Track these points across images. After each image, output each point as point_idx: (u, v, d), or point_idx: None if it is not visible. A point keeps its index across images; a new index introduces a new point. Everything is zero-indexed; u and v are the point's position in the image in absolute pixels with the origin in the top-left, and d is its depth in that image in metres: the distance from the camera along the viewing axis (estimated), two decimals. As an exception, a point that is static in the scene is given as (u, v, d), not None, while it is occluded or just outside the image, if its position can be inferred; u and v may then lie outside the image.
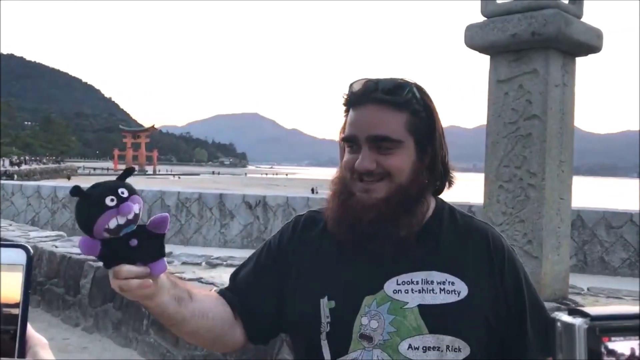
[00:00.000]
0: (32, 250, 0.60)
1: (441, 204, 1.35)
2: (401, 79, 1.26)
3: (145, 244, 1.02)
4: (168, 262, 1.09)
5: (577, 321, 0.53)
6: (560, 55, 4.34)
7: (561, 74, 4.35)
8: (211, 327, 1.27)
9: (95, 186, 1.00)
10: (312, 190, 33.77)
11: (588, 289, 5.20)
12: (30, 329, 0.59)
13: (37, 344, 0.59)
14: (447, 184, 1.33)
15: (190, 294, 1.22)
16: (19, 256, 0.59)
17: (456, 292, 1.21)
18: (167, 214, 1.07)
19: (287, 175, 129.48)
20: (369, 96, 1.23)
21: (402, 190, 1.22)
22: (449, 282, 1.22)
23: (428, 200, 1.29)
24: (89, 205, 0.97)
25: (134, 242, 1.00)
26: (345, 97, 1.28)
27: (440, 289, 1.21)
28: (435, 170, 1.27)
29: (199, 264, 6.20)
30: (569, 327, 0.53)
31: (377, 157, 1.22)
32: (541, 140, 4.21)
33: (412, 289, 1.21)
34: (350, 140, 1.25)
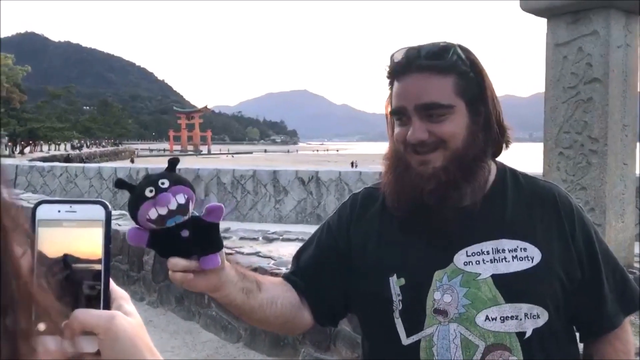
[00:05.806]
0: (110, 206, 0.60)
1: (502, 167, 1.30)
2: (443, 42, 1.19)
3: (198, 236, 0.98)
4: (226, 238, 1.09)
5: None
6: (623, 15, 4.14)
7: (623, 34, 4.16)
8: (280, 314, 1.25)
9: (143, 178, 0.98)
10: (352, 164, 33.71)
11: (654, 258, 5.01)
12: (112, 283, 0.60)
13: (121, 297, 0.61)
14: (504, 144, 1.26)
15: (258, 284, 1.21)
16: (98, 212, 0.59)
17: (529, 258, 1.17)
18: (222, 204, 1.03)
19: (337, 151, 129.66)
20: (412, 64, 1.17)
21: (459, 157, 1.16)
22: (520, 248, 1.18)
23: (488, 164, 1.24)
24: (132, 198, 0.96)
25: (185, 233, 0.96)
26: (388, 68, 1.22)
27: (512, 256, 1.17)
28: (491, 131, 1.21)
29: (256, 239, 6.28)
30: None
31: (429, 126, 1.16)
32: (603, 104, 4.05)
33: (483, 260, 1.17)
34: (398, 113, 1.20)
